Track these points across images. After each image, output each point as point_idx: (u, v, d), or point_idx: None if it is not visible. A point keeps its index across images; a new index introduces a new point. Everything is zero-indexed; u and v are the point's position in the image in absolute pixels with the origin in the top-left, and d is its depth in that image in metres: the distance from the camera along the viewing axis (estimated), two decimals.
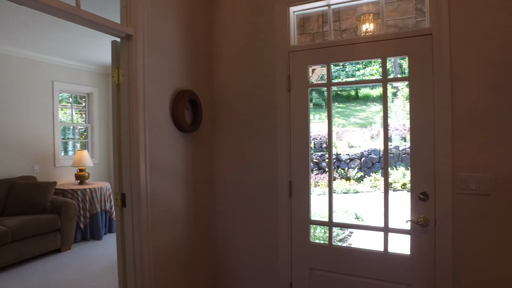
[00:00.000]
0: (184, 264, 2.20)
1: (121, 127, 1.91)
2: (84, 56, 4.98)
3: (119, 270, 1.94)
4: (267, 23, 2.32)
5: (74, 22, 1.68)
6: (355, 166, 10.41)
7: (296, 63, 2.24)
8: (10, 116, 4.52)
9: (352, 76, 15.59)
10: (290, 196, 2.25)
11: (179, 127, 2.10)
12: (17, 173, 4.58)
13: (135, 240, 1.86)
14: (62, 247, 4.22)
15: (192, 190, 2.28)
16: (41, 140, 4.89)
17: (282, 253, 2.27)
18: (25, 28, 3.76)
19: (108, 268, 3.70)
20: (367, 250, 2.05)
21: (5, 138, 4.47)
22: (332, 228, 2.18)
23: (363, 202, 7.79)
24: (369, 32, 3.74)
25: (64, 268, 3.71)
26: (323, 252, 2.17)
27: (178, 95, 2.10)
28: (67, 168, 5.23)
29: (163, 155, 2.03)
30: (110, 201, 5.02)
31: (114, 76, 1.92)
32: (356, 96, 16.86)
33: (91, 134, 5.71)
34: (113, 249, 4.28)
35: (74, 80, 5.37)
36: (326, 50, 2.16)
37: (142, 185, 1.85)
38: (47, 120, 4.98)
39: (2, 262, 3.59)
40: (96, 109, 5.71)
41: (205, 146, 2.42)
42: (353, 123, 14.27)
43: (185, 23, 2.25)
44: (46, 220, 4.02)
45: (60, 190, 4.68)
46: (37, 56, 4.81)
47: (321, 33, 4.08)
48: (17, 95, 4.60)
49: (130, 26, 1.86)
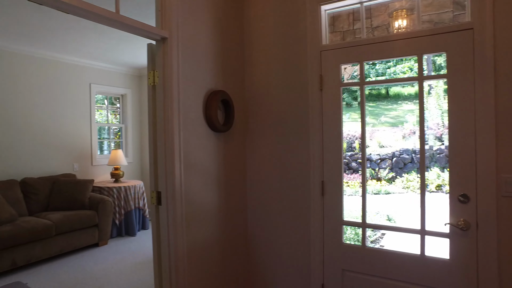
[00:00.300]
0: (216, 261, 2.24)
1: (156, 127, 1.98)
2: (118, 59, 5.20)
3: (154, 265, 2.01)
4: (298, 23, 2.31)
5: (114, 27, 1.76)
6: (386, 167, 10.12)
7: (328, 62, 2.22)
8: (52, 117, 4.80)
9: (382, 75, 15.15)
10: (322, 196, 2.23)
11: (212, 127, 2.14)
12: (58, 171, 4.86)
13: (170, 237, 1.92)
14: (99, 242, 4.43)
15: (224, 189, 2.32)
16: (79, 140, 5.15)
17: (314, 253, 2.25)
18: (67, 35, 3.98)
19: (143, 263, 3.84)
20: (403, 253, 1.99)
21: (48, 138, 4.75)
22: (366, 230, 2.14)
23: (394, 203, 7.56)
24: (402, 28, 3.63)
25: (102, 262, 3.89)
26: (356, 253, 2.13)
27: (211, 95, 2.14)
28: (103, 167, 5.47)
29: (196, 154, 2.08)
30: (143, 199, 5.19)
31: (150, 78, 1.99)
32: (387, 95, 16.37)
33: (125, 134, 5.94)
34: (147, 245, 4.44)
35: (109, 82, 5.61)
36: (359, 49, 2.13)
37: (177, 184, 1.91)
38: (85, 121, 5.24)
39: (47, 253, 3.83)
40: (129, 109, 5.93)
41: (237, 145, 2.46)
42: (384, 122, 13.87)
43: (217, 24, 2.29)
44: (85, 215, 4.23)
45: (97, 188, 4.91)
46: (76, 60, 5.07)
47: (352, 31, 4.00)
48: (58, 97, 4.88)
49: (165, 29, 1.92)
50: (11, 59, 4.38)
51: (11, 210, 3.79)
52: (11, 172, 4.36)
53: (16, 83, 4.43)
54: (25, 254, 3.63)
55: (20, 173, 4.45)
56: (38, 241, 3.74)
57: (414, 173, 9.41)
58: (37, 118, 4.63)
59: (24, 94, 4.50)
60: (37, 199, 4.29)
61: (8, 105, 4.34)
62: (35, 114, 4.61)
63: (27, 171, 4.52)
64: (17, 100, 4.43)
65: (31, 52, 4.54)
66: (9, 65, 4.36)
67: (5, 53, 4.32)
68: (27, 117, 4.53)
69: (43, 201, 4.34)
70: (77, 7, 1.49)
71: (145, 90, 6.00)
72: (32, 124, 4.58)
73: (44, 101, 4.72)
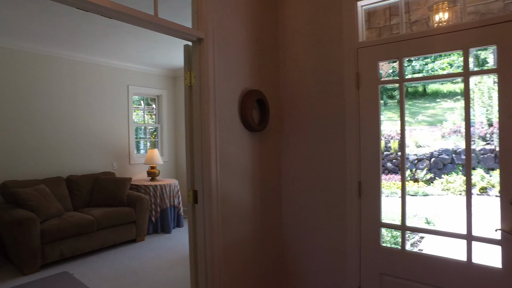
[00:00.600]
0: (251, 259, 2.25)
1: (193, 127, 2.01)
2: (154, 61, 5.37)
3: (190, 263, 2.05)
4: (333, 20, 2.27)
5: (153, 29, 1.81)
6: (423, 167, 9.69)
7: (365, 59, 2.15)
8: (92, 118, 5.05)
9: (419, 72, 14.52)
10: (359, 197, 2.17)
11: (247, 126, 2.15)
12: (99, 169, 5.10)
13: (206, 235, 1.95)
14: (137, 238, 4.60)
15: (259, 188, 2.32)
16: (118, 140, 5.38)
17: (350, 256, 2.20)
18: (106, 39, 4.17)
19: (178, 260, 3.94)
20: (447, 258, 1.89)
21: (89, 137, 5.01)
22: (405, 232, 2.06)
23: (433, 205, 7.22)
24: (443, 22, 3.45)
25: (139, 257, 4.04)
26: (395, 257, 2.05)
27: (246, 95, 2.15)
28: (140, 165, 5.68)
29: (232, 154, 2.10)
30: (178, 197, 5.33)
31: (186, 78, 2.03)
32: (424, 93, 15.66)
33: (161, 133, 6.13)
34: (182, 243, 4.55)
35: (146, 84, 5.81)
36: (398, 44, 2.05)
37: (213, 183, 1.94)
38: (123, 121, 5.46)
39: (90, 247, 4.05)
40: (164, 110, 6.11)
41: (271, 145, 2.45)
42: (421, 121, 13.29)
43: (251, 24, 2.30)
44: (124, 212, 4.42)
45: (134, 186, 5.10)
46: (115, 63, 5.30)
47: (388, 27, 3.86)
48: (99, 99, 5.13)
49: (201, 30, 1.96)
50: (58, 65, 4.66)
51: (59, 205, 4.03)
52: (58, 170, 4.65)
53: (62, 87, 4.71)
54: (71, 246, 3.86)
55: (66, 171, 4.73)
56: (82, 235, 3.96)
57: (455, 174, 8.93)
58: (80, 120, 4.90)
59: (69, 97, 4.78)
60: (80, 196, 4.54)
61: (55, 108, 4.63)
62: (78, 115, 4.88)
63: (72, 169, 4.80)
64: (63, 103, 4.71)
65: (75, 57, 4.81)
66: (56, 70, 4.64)
67: (53, 59, 4.60)
68: (72, 118, 4.81)
69: (85, 198, 4.58)
70: (120, 12, 1.55)
71: (180, 91, 6.16)
72: (76, 125, 4.85)
73: (87, 103, 4.98)
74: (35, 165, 4.45)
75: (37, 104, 4.47)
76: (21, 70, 4.33)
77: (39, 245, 3.55)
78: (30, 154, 4.40)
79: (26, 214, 3.53)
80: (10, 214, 3.53)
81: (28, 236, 3.45)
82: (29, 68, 4.39)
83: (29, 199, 3.74)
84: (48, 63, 4.57)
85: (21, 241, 3.43)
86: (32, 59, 4.42)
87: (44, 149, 4.53)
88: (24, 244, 3.44)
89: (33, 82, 4.43)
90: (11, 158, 4.23)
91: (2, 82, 4.17)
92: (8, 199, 3.92)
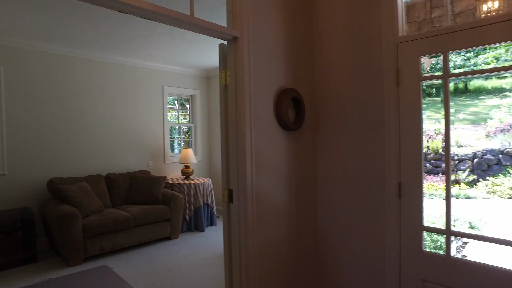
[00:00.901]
0: (286, 260, 2.22)
1: (228, 126, 2.02)
2: (188, 61, 5.48)
3: (225, 262, 2.05)
4: (371, 15, 2.18)
5: (190, 29, 1.83)
6: (465, 168, 9.15)
7: (405, 55, 2.05)
8: (129, 118, 5.24)
9: (461, 67, 13.74)
10: (399, 199, 2.07)
11: (282, 125, 2.12)
12: (135, 168, 5.29)
13: (241, 235, 1.94)
14: (171, 235, 4.71)
15: (294, 188, 2.28)
16: (153, 139, 5.55)
17: (389, 260, 2.10)
18: (143, 42, 4.31)
19: (211, 259, 3.98)
20: (501, 268, 1.75)
21: (126, 137, 5.20)
22: (450, 237, 1.93)
23: (477, 209, 6.79)
24: (493, 11, 3.21)
25: (174, 254, 4.14)
26: (439, 263, 1.94)
27: (281, 93, 2.12)
28: (174, 165, 5.82)
29: (267, 153, 2.07)
30: (211, 196, 5.40)
31: (222, 78, 2.04)
32: (465, 89, 14.80)
33: (194, 133, 6.24)
34: (215, 241, 4.60)
35: (180, 84, 5.94)
36: (443, 38, 1.93)
37: (248, 182, 1.92)
38: (158, 121, 5.62)
39: (127, 242, 4.20)
40: (198, 110, 6.22)
41: (307, 144, 2.40)
42: (462, 119, 12.57)
43: (286, 21, 2.26)
44: (159, 210, 4.54)
45: (169, 184, 5.23)
46: (150, 65, 5.46)
47: (429, 20, 3.68)
48: (135, 100, 5.32)
49: (236, 29, 1.95)
50: (97, 68, 4.88)
51: (99, 202, 4.22)
52: (98, 168, 4.88)
53: (101, 89, 4.93)
54: (110, 242, 4.02)
55: (105, 169, 4.95)
56: (120, 231, 4.11)
57: (502, 176, 8.35)
58: (118, 120, 5.11)
59: (107, 98, 4.99)
60: (118, 193, 4.72)
61: (95, 109, 4.85)
62: (116, 116, 5.09)
63: (110, 167, 5.01)
64: (101, 105, 4.93)
65: (112, 59, 5.02)
66: (95, 73, 4.87)
67: (92, 62, 4.83)
68: (110, 119, 5.02)
69: (123, 195, 4.77)
70: (158, 13, 1.58)
71: (213, 91, 6.24)
72: (114, 125, 5.06)
73: (124, 104, 5.18)
74: (78, 163, 4.70)
75: (78, 106, 4.71)
76: (63, 73, 4.58)
77: (81, 239, 3.74)
78: (73, 153, 4.65)
79: (71, 209, 3.73)
80: (57, 209, 3.74)
81: (72, 230, 3.65)
82: (70, 72, 4.64)
83: (73, 196, 3.94)
84: (88, 66, 4.81)
85: (66, 234, 3.63)
86: (72, 63, 4.67)
87: (85, 148, 4.77)
88: (69, 238, 3.64)
89: (74, 85, 4.68)
90: (57, 156, 4.50)
91: (47, 86, 4.43)
92: (54, 195, 4.16)
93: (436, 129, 10.87)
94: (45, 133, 4.41)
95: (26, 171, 4.26)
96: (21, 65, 4.23)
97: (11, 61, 4.15)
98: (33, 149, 4.32)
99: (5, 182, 4.10)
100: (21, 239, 3.73)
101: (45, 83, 4.41)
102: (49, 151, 4.43)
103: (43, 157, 4.39)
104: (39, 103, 4.36)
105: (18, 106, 4.20)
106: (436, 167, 9.68)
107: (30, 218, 3.80)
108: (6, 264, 3.64)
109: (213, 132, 6.28)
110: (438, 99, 13.86)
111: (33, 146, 4.31)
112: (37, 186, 4.34)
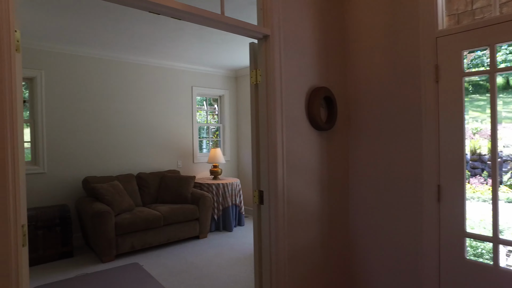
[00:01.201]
0: (317, 264, 2.16)
1: (259, 126, 1.98)
2: (217, 62, 5.51)
3: (255, 264, 2.02)
4: (406, 8, 2.07)
5: (220, 28, 1.81)
6: (508, 170, 8.59)
7: (446, 49, 1.93)
8: (159, 118, 5.35)
9: (503, 62, 12.93)
10: (438, 202, 1.95)
11: (314, 125, 2.06)
12: (165, 167, 5.39)
13: (272, 237, 1.90)
14: (200, 235, 4.76)
15: (326, 190, 2.21)
16: (183, 139, 5.63)
17: (427, 268, 1.99)
18: (171, 43, 4.37)
19: (239, 259, 3.97)
20: None
21: (155, 137, 5.31)
22: (498, 246, 1.79)
23: None
24: None
25: (202, 253, 4.17)
26: (484, 274, 1.80)
27: (313, 92, 2.06)
28: (203, 164, 5.87)
29: (298, 154, 2.02)
30: (239, 196, 5.40)
31: (252, 77, 2.00)
32: (507, 85, 13.92)
33: (223, 133, 6.27)
34: (243, 241, 4.59)
35: (208, 84, 5.99)
36: (489, 29, 1.79)
37: (279, 183, 1.88)
38: (187, 121, 5.70)
39: (157, 241, 4.28)
40: (226, 110, 6.24)
41: (339, 144, 2.33)
42: (504, 117, 11.83)
43: (317, 19, 2.20)
44: (188, 209, 4.59)
45: (197, 184, 5.28)
46: (179, 66, 5.55)
47: (470, 12, 3.44)
48: (165, 101, 5.42)
49: (267, 27, 1.91)
50: (127, 69, 5.02)
51: (130, 201, 4.33)
52: (129, 167, 5.01)
53: (131, 90, 5.06)
54: (141, 240, 4.11)
55: (136, 168, 5.08)
56: (150, 229, 4.20)
57: None
58: (148, 121, 5.22)
59: (137, 99, 5.12)
60: (148, 192, 4.83)
61: (126, 110, 4.99)
62: (147, 116, 5.21)
63: (141, 167, 5.14)
64: (132, 105, 5.06)
65: (141, 61, 5.14)
66: (125, 74, 5.01)
67: (124, 64, 4.97)
68: (140, 120, 5.15)
69: (153, 194, 4.86)
70: (190, 13, 1.57)
71: (241, 91, 6.24)
72: (144, 125, 5.18)
73: (154, 104, 5.29)
74: (111, 162, 4.85)
75: (110, 107, 4.86)
76: (97, 76, 4.74)
77: (114, 236, 3.85)
78: (106, 153, 4.81)
79: (104, 207, 3.84)
80: (91, 207, 3.87)
81: (105, 228, 3.76)
82: (103, 74, 4.80)
83: (106, 194, 4.07)
84: (120, 69, 4.95)
85: (100, 232, 3.75)
86: (106, 66, 4.82)
87: (118, 148, 4.91)
88: (102, 235, 3.76)
89: (106, 87, 4.83)
90: (90, 156, 4.67)
91: (81, 88, 4.61)
92: (88, 193, 4.32)
93: (474, 128, 10.31)
94: (81, 133, 4.59)
95: (64, 170, 4.45)
96: (60, 69, 4.42)
97: (50, 65, 4.35)
98: (70, 149, 4.50)
99: (45, 180, 4.31)
100: (60, 235, 3.90)
101: (81, 85, 4.59)
102: (84, 150, 4.61)
103: (79, 156, 4.57)
104: (75, 105, 4.54)
105: (56, 108, 4.39)
106: (474, 168, 9.18)
107: (67, 215, 3.96)
108: (46, 257, 3.83)
109: (241, 132, 6.29)
110: (474, 96, 13.14)
111: (70, 146, 4.50)
112: (73, 184, 4.52)
